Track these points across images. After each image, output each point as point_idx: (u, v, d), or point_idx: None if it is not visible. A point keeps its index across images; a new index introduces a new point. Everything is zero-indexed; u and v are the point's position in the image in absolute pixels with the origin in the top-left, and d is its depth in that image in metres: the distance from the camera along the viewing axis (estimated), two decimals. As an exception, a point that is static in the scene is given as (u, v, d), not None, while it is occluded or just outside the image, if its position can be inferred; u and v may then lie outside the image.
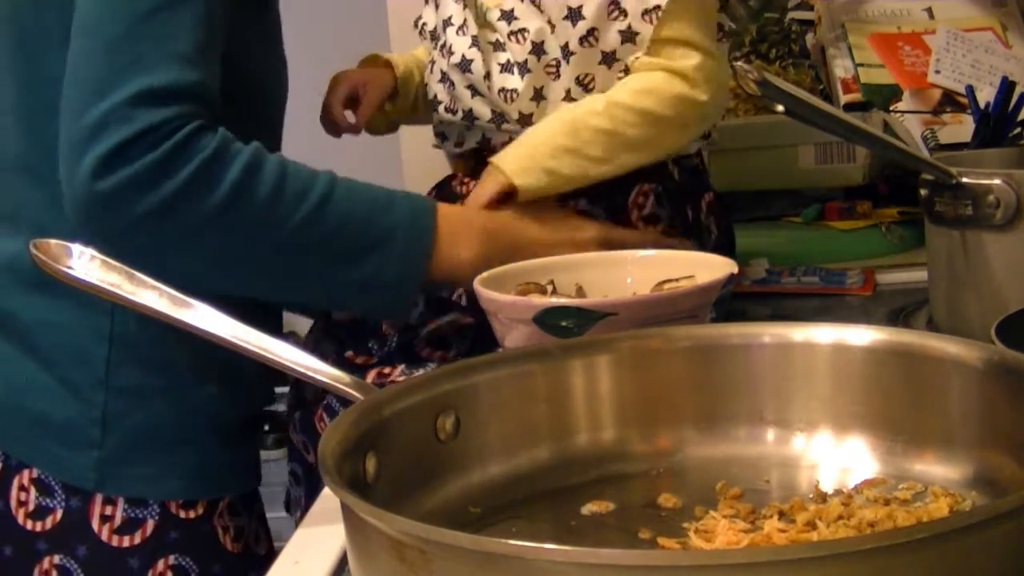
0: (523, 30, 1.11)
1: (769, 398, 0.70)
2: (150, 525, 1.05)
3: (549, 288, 0.99)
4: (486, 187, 1.08)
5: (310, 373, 0.66)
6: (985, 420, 0.63)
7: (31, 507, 1.05)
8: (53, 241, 0.70)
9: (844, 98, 1.49)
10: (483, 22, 1.14)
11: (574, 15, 1.09)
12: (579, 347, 0.73)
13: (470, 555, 0.46)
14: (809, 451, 0.69)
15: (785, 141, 1.39)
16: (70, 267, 0.69)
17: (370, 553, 0.51)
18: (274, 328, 1.16)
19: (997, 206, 0.91)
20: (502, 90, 1.12)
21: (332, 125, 1.27)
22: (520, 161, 1.08)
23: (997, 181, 0.91)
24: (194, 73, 0.93)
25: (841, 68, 1.52)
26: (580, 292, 1.00)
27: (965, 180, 0.93)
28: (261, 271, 0.98)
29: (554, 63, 1.11)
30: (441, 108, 1.19)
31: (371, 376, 1.06)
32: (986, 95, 1.38)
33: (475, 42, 1.14)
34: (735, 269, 0.91)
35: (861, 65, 1.51)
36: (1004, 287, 0.92)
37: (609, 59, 1.10)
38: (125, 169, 0.90)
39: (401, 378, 1.03)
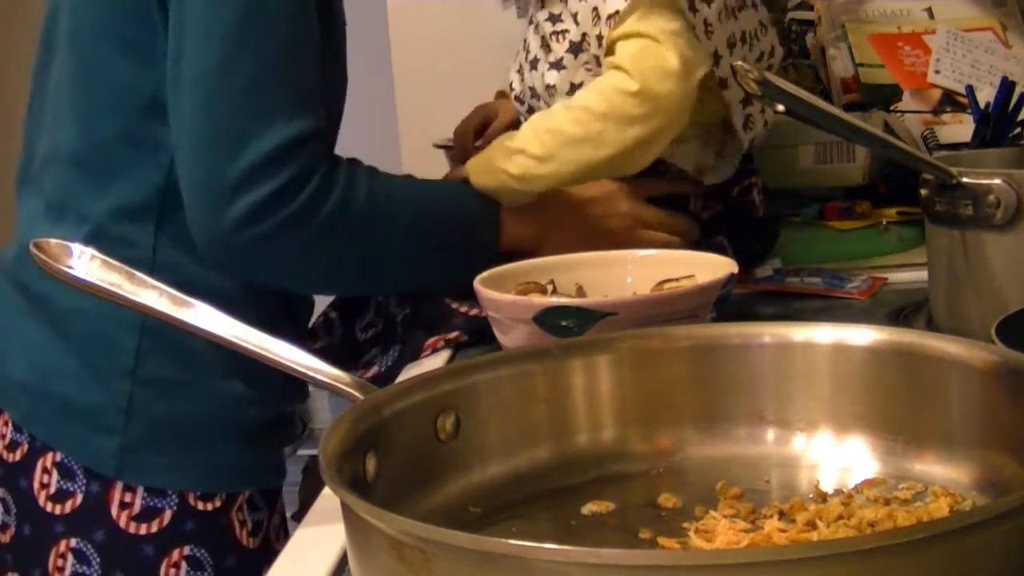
0: (565, 31, 1.17)
1: (769, 398, 0.70)
2: (167, 515, 1.06)
3: (549, 288, 0.99)
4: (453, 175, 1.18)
5: (310, 373, 0.66)
6: (985, 420, 0.63)
7: (52, 490, 1.06)
8: (53, 241, 0.70)
9: (844, 98, 1.49)
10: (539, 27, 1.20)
11: (555, 18, 1.16)
12: (579, 347, 0.73)
13: (470, 555, 0.46)
14: (809, 451, 0.69)
15: (785, 141, 1.39)
16: (70, 267, 0.69)
17: (370, 553, 0.51)
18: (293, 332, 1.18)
19: (997, 206, 0.91)
20: (547, 87, 1.18)
21: (461, 150, 1.37)
22: (482, 160, 1.15)
23: (997, 181, 0.91)
24: (319, 115, 1.02)
25: (841, 68, 1.52)
26: (580, 292, 1.00)
27: (965, 180, 0.93)
28: (375, 275, 1.10)
29: (593, 59, 1.15)
30: (513, 96, 1.27)
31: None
32: (986, 95, 1.38)
33: (543, 42, 1.20)
34: (735, 269, 0.92)
35: (861, 65, 1.51)
36: (1004, 287, 0.92)
37: (595, 63, 1.14)
38: (274, 217, 0.99)
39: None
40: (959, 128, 1.43)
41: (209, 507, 1.08)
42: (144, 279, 0.69)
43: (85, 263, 0.70)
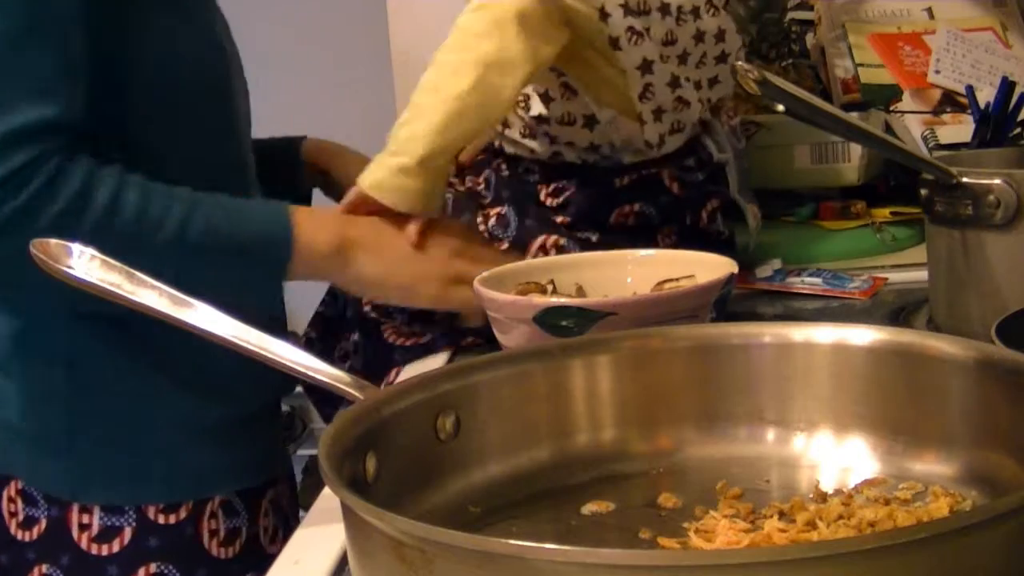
0: None
1: (769, 398, 0.70)
2: (127, 532, 1.04)
3: (549, 288, 0.99)
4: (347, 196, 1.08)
5: (310, 373, 0.66)
6: (985, 420, 0.63)
7: (20, 517, 1.05)
8: (53, 241, 0.70)
9: (844, 98, 1.49)
10: None
11: None
12: (579, 347, 0.73)
13: (470, 555, 0.46)
14: (809, 451, 0.69)
15: (781, 141, 1.39)
16: (70, 267, 0.69)
17: (370, 553, 0.51)
18: (278, 327, 1.15)
19: (997, 206, 0.91)
20: None
21: None
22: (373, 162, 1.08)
23: (997, 181, 0.91)
24: (55, 105, 0.93)
25: (841, 68, 1.52)
26: (580, 292, 1.00)
27: (965, 180, 0.93)
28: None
29: None
30: None
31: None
32: (986, 95, 1.38)
33: None
34: (735, 269, 0.91)
35: (861, 65, 1.51)
36: (1004, 287, 0.92)
37: None
38: None
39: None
40: (959, 128, 1.43)
41: (172, 519, 1.05)
42: (143, 279, 0.69)
43: (85, 263, 0.70)
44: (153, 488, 1.05)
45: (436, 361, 1.08)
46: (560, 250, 1.15)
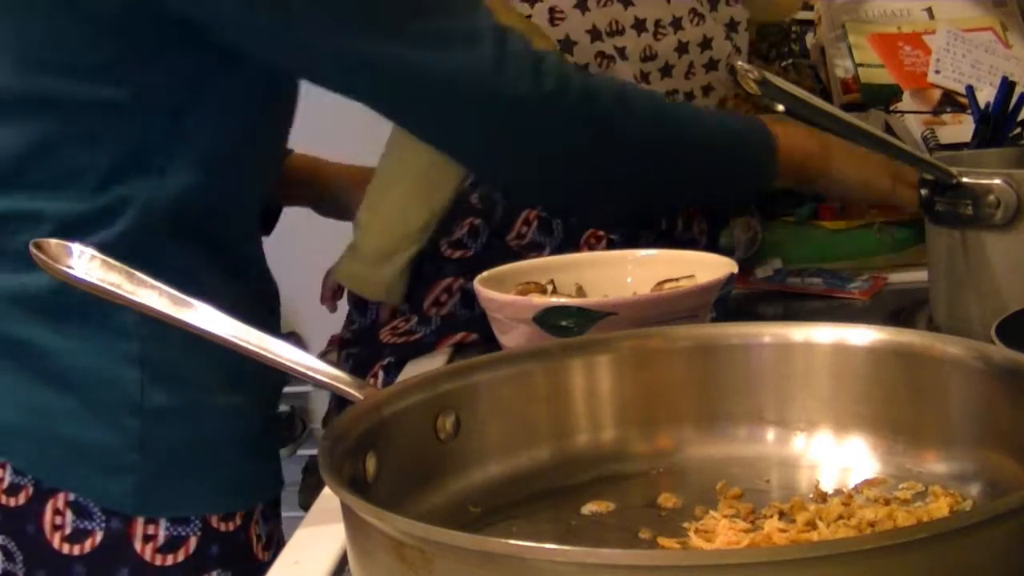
0: None
1: (769, 398, 0.70)
2: (193, 542, 1.02)
3: (549, 288, 0.99)
4: None
5: (310, 373, 0.66)
6: (985, 420, 0.63)
7: (68, 531, 1.01)
8: (53, 241, 0.70)
9: (844, 98, 1.49)
10: None
11: None
12: (579, 347, 0.73)
13: (470, 555, 0.46)
14: (809, 451, 0.69)
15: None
16: (70, 267, 0.69)
17: (370, 553, 0.51)
18: (272, 327, 1.15)
19: (997, 206, 0.91)
20: None
21: None
22: None
23: (997, 181, 0.91)
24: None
25: (841, 68, 1.52)
26: (580, 292, 1.00)
27: (965, 180, 0.93)
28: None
29: None
30: None
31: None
32: (986, 95, 1.38)
33: None
34: (735, 269, 0.91)
35: (861, 65, 1.51)
36: (1004, 287, 0.92)
37: None
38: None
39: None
40: (959, 128, 1.43)
41: (231, 527, 1.04)
42: (143, 279, 0.69)
43: (85, 263, 0.69)
44: (213, 500, 1.04)
45: (436, 361, 1.08)
46: (540, 221, 1.15)
